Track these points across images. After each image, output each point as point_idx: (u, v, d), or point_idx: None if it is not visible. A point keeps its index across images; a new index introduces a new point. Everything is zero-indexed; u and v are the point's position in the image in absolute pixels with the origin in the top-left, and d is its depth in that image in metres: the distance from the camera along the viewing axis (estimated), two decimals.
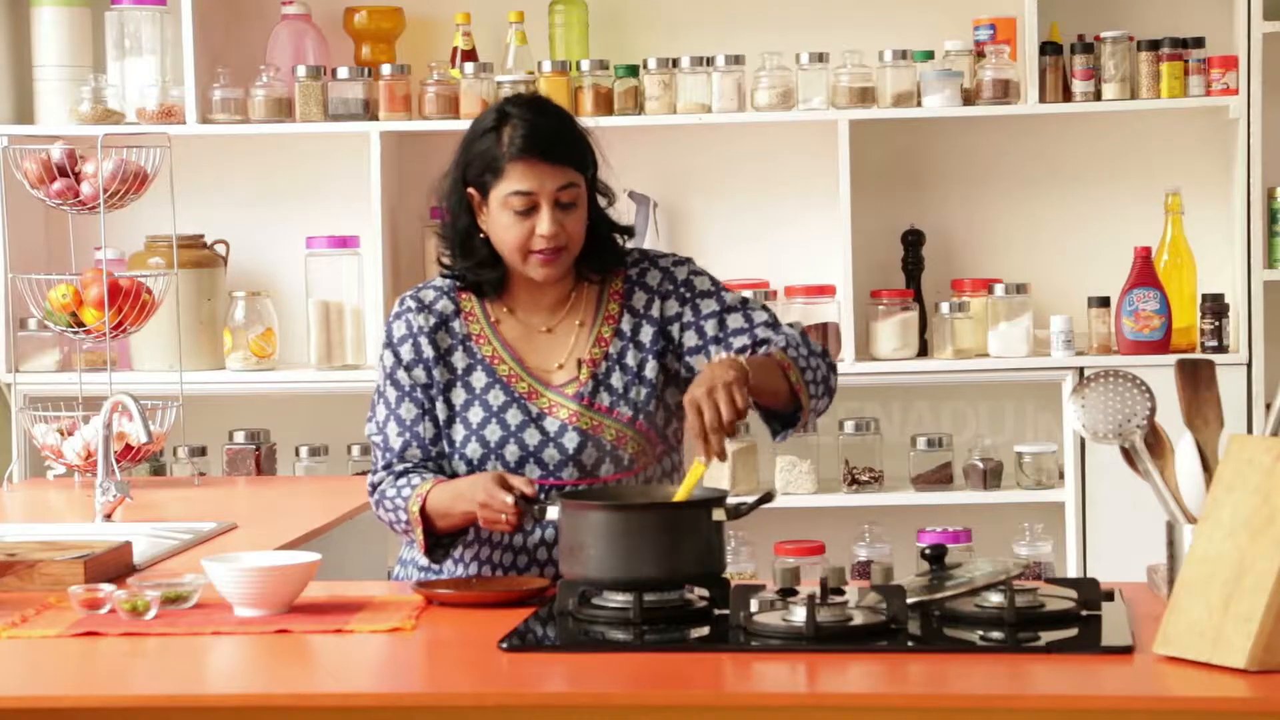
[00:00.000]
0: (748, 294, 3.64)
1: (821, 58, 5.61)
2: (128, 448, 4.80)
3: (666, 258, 3.60)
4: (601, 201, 3.55)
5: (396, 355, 3.53)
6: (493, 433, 3.48)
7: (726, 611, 3.04)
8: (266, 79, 5.68)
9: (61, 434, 4.88)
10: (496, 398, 3.49)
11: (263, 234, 5.90)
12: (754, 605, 3.00)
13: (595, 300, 3.56)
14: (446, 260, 3.55)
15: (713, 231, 5.84)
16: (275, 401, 5.85)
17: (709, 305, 3.53)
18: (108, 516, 4.26)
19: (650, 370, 3.52)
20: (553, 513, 3.19)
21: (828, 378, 3.50)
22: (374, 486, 3.53)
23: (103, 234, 4.92)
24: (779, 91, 5.61)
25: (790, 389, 3.42)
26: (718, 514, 3.14)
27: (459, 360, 3.52)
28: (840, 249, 5.61)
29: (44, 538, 3.84)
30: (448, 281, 3.57)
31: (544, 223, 3.42)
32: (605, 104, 5.60)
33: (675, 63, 5.64)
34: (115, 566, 3.50)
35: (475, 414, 3.49)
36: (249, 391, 5.76)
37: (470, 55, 5.75)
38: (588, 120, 3.58)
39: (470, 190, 3.48)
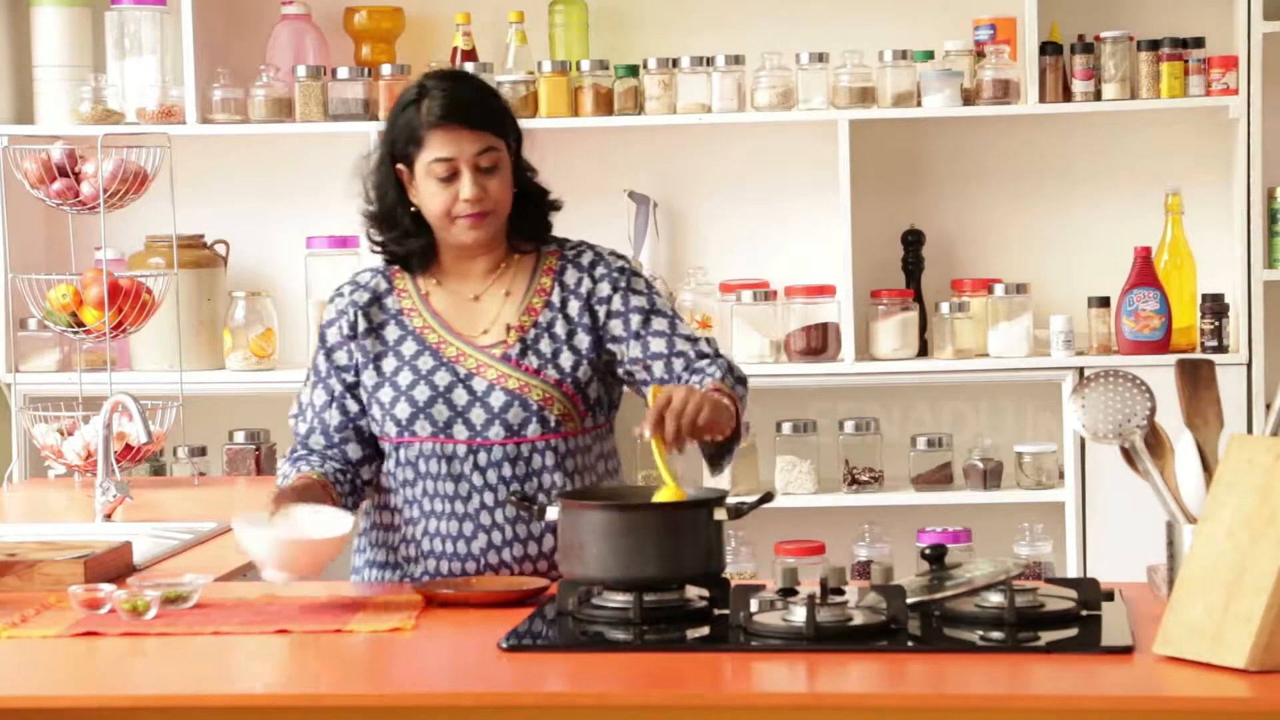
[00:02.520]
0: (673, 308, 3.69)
1: (821, 58, 5.61)
2: (128, 448, 4.80)
3: (607, 248, 3.69)
4: (530, 175, 3.64)
5: (323, 339, 3.65)
6: (421, 393, 3.54)
7: (726, 611, 3.04)
8: (266, 79, 5.68)
9: (61, 434, 4.88)
10: (425, 363, 3.57)
11: (263, 234, 5.90)
12: (754, 605, 3.00)
13: (528, 274, 3.63)
14: (374, 236, 3.65)
15: (713, 231, 5.84)
16: (275, 401, 5.83)
17: (638, 300, 3.60)
18: (108, 516, 4.26)
19: (581, 342, 3.57)
20: (552, 513, 3.19)
21: (746, 405, 3.56)
22: (279, 466, 3.66)
23: (103, 234, 4.92)
24: (779, 91, 5.61)
25: (734, 425, 3.43)
26: (718, 514, 3.14)
27: (391, 333, 3.60)
28: (840, 249, 5.61)
29: (44, 538, 3.84)
30: (382, 263, 3.68)
31: (466, 187, 3.51)
32: (605, 104, 5.60)
33: (675, 63, 5.64)
34: (115, 566, 3.51)
35: (404, 377, 3.56)
36: (249, 391, 5.75)
37: (470, 55, 5.74)
38: (588, 120, 3.61)
39: (399, 167, 3.58)
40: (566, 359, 3.56)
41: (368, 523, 3.68)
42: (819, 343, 5.62)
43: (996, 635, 2.92)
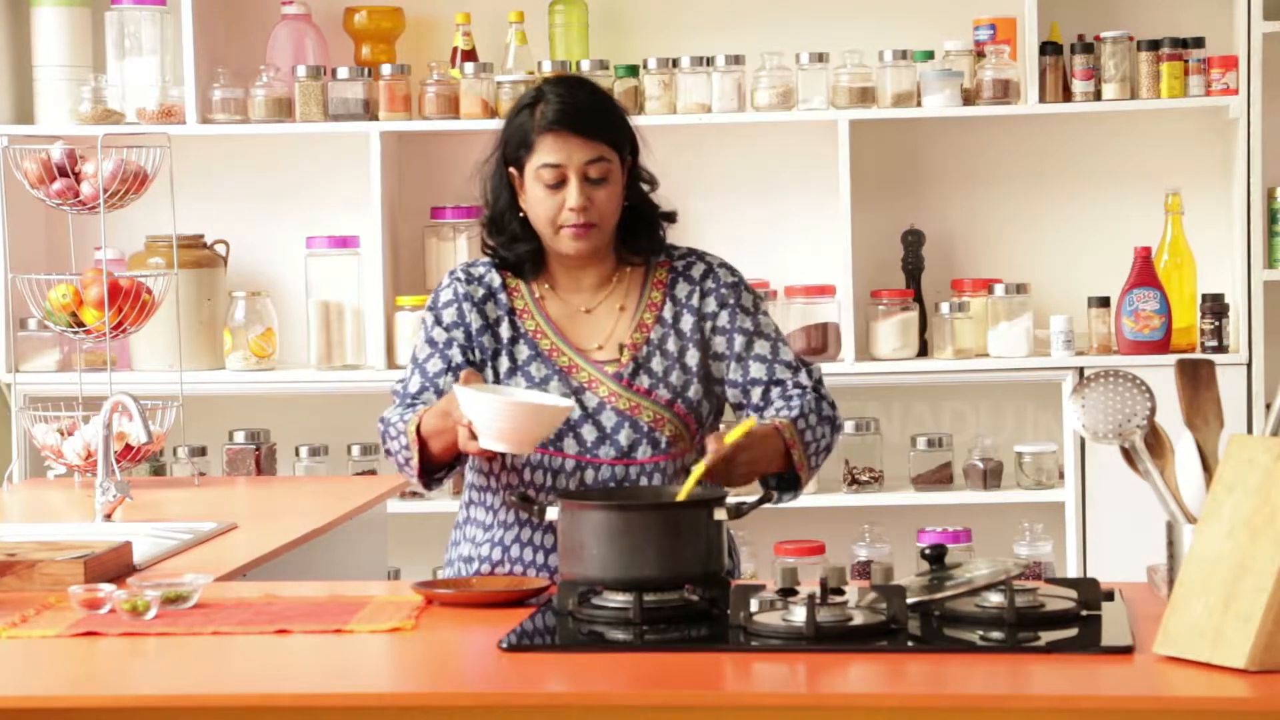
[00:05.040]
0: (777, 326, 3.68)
1: (821, 58, 5.61)
2: (128, 448, 4.79)
3: (715, 258, 3.66)
4: (644, 188, 3.61)
5: (437, 318, 3.57)
6: None
7: (727, 611, 3.04)
8: (266, 79, 5.68)
9: (61, 434, 4.87)
10: (539, 370, 3.53)
11: (263, 234, 5.90)
12: (754, 605, 3.00)
13: (639, 286, 3.60)
14: (486, 240, 3.61)
15: (713, 231, 5.83)
16: (275, 401, 5.85)
17: (744, 321, 3.57)
18: (108, 516, 4.26)
19: (691, 359, 3.55)
20: (552, 513, 3.19)
21: (830, 445, 3.56)
22: (383, 420, 3.55)
23: (103, 234, 4.92)
24: (779, 91, 5.61)
25: (788, 463, 3.47)
26: (718, 514, 3.14)
27: (504, 331, 3.56)
28: (840, 249, 5.62)
29: (44, 538, 3.84)
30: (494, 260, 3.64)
31: (572, 195, 3.47)
32: None
33: (675, 63, 5.64)
34: (115, 566, 3.51)
35: (517, 383, 3.52)
36: (249, 391, 5.76)
37: (470, 55, 5.75)
38: None
39: (510, 170, 3.54)
40: (677, 377, 3.53)
41: (462, 516, 3.65)
42: (819, 343, 5.62)
43: (996, 635, 2.92)
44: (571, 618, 3.09)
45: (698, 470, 3.28)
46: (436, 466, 3.50)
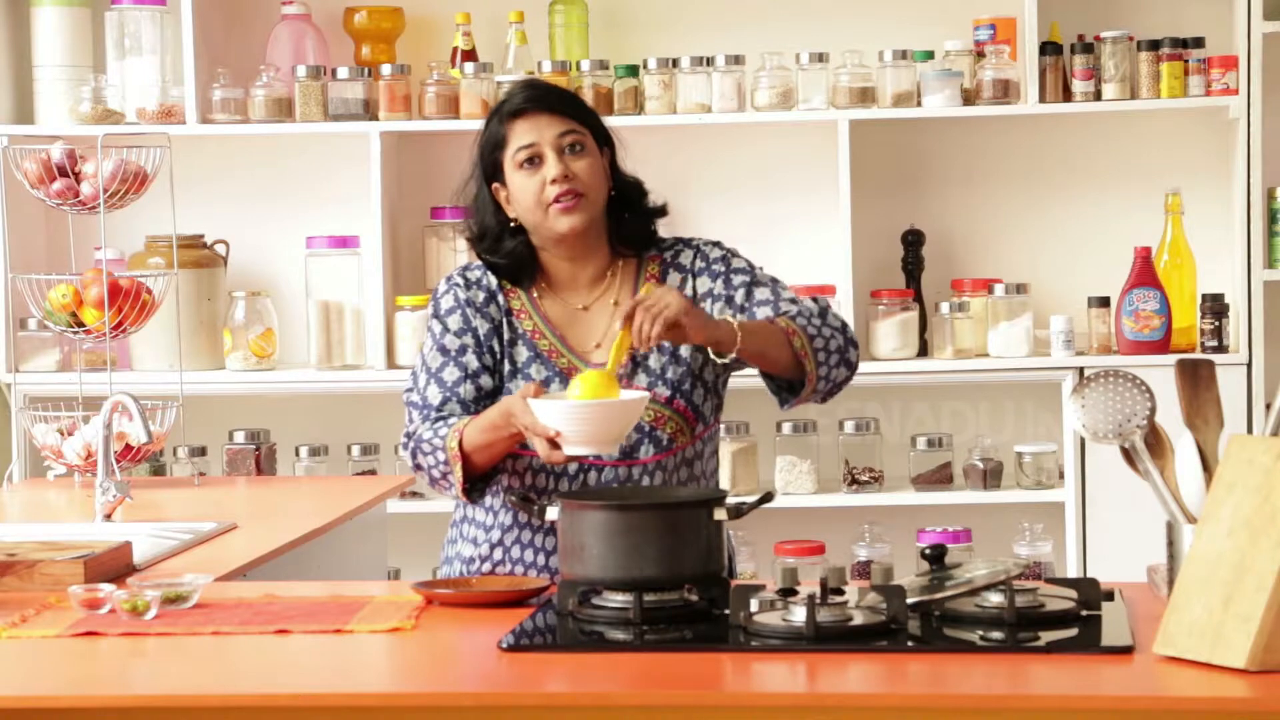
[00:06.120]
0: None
1: (821, 58, 5.61)
2: (128, 448, 4.79)
3: (702, 239, 3.67)
4: (630, 183, 3.63)
5: (444, 324, 3.57)
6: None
7: (727, 611, 3.04)
8: (266, 79, 5.69)
9: (61, 434, 4.88)
10: (539, 372, 3.53)
11: (263, 234, 5.90)
12: (754, 605, 3.00)
13: (631, 281, 3.61)
14: (478, 254, 3.61)
15: (713, 231, 5.78)
16: (275, 401, 5.85)
17: (740, 279, 3.59)
18: (108, 516, 4.26)
19: (685, 350, 3.55)
20: (552, 513, 3.19)
21: (844, 349, 3.54)
22: (409, 435, 3.53)
23: (103, 234, 4.92)
24: (779, 91, 5.61)
25: (794, 356, 3.45)
26: (718, 514, 3.14)
27: (505, 332, 3.56)
28: (840, 249, 5.61)
29: (44, 538, 3.84)
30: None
31: (550, 167, 3.50)
32: (605, 104, 5.60)
33: (675, 63, 5.64)
34: (115, 566, 3.51)
35: (518, 386, 3.51)
36: (249, 391, 5.76)
37: (470, 55, 5.75)
38: None
39: (495, 186, 3.56)
40: (674, 372, 3.53)
41: (459, 515, 3.65)
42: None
43: (996, 635, 2.92)
44: (571, 618, 3.09)
45: (620, 339, 3.32)
46: (477, 479, 3.49)
